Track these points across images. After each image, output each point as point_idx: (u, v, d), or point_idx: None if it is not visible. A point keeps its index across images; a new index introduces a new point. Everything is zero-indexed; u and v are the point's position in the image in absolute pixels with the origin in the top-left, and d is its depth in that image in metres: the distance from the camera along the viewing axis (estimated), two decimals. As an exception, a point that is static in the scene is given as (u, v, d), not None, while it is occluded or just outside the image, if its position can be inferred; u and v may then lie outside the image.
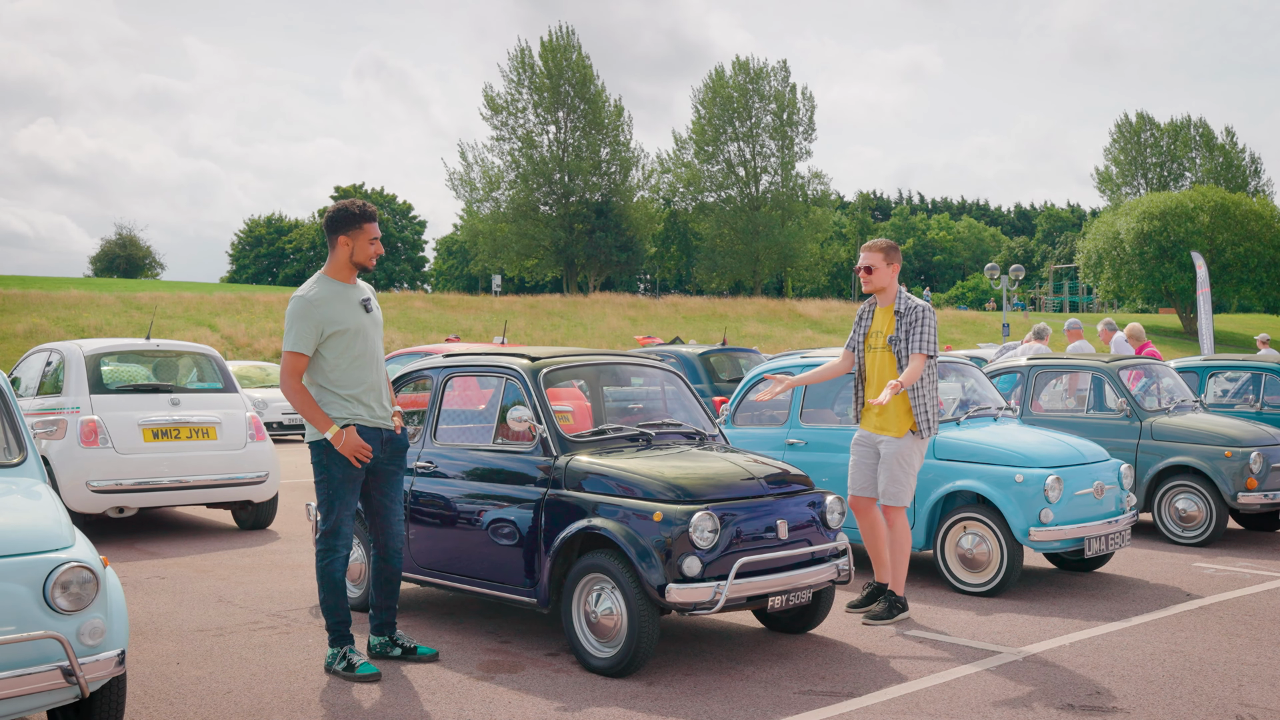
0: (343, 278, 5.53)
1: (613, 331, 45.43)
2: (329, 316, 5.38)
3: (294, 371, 5.38)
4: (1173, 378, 10.32)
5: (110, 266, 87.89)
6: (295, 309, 5.40)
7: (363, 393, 5.45)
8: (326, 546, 5.47)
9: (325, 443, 5.38)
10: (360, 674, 5.34)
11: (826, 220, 74.80)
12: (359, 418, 5.43)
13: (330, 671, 5.46)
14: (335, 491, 5.42)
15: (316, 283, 5.49)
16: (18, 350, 29.49)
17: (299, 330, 5.36)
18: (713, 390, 13.23)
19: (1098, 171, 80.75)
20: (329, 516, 5.44)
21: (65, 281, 53.58)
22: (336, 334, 5.38)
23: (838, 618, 6.51)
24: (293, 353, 5.37)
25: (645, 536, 5.22)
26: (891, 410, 6.41)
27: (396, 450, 5.61)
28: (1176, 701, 5.02)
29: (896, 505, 6.44)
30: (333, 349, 5.40)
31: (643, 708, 4.92)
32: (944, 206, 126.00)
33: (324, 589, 5.50)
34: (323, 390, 5.43)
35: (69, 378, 9.55)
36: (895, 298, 6.52)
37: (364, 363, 5.47)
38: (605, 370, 7.13)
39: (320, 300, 5.41)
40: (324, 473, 5.42)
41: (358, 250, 5.48)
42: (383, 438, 5.51)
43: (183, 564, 8.46)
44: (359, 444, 5.35)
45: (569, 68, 67.78)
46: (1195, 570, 8.12)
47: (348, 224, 5.47)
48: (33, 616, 3.86)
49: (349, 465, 5.39)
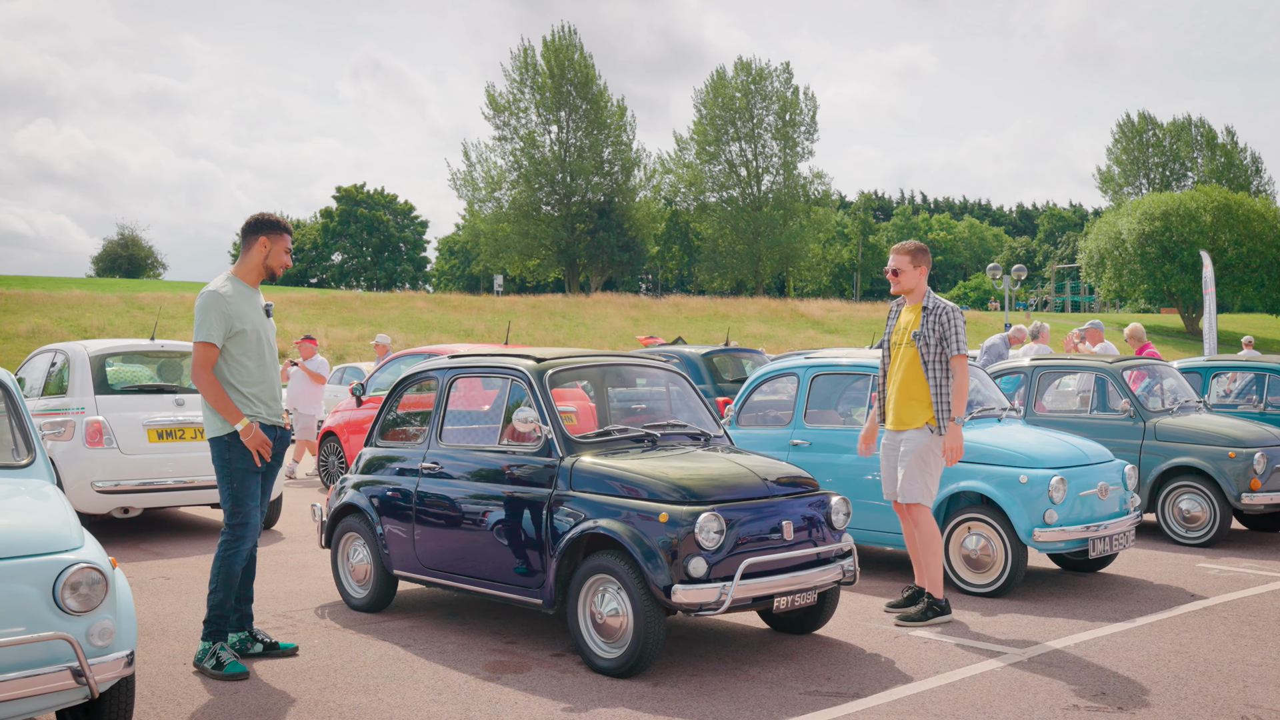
0: (250, 280, 5.78)
1: (615, 332, 45.43)
2: (237, 313, 5.60)
3: (207, 362, 5.56)
4: (1176, 378, 10.32)
5: (113, 266, 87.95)
6: (206, 302, 5.58)
7: (262, 391, 5.68)
8: (234, 538, 5.60)
9: (228, 438, 5.56)
10: (229, 672, 5.41)
11: (828, 220, 74.87)
12: (259, 415, 5.65)
13: (198, 666, 5.51)
14: (242, 484, 5.59)
15: (227, 280, 5.72)
16: (21, 350, 29.52)
17: (211, 322, 5.55)
18: (716, 391, 13.22)
19: (1099, 171, 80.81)
20: (238, 509, 5.60)
21: (67, 281, 53.64)
22: (241, 332, 5.60)
23: (843, 618, 6.52)
24: (205, 343, 5.55)
25: (651, 537, 5.23)
26: (909, 402, 6.40)
27: (282, 447, 5.83)
28: (1182, 702, 5.02)
29: (914, 502, 6.42)
30: (238, 346, 5.61)
31: (649, 708, 4.93)
32: (946, 206, 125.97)
33: (220, 581, 5.59)
34: (229, 387, 5.61)
35: (74, 378, 9.56)
36: (924, 296, 6.54)
37: (265, 363, 5.71)
38: (610, 371, 7.14)
39: (230, 296, 5.62)
40: (228, 467, 5.58)
41: (273, 254, 5.76)
42: (276, 435, 5.75)
43: (188, 564, 8.47)
44: (263, 439, 5.58)
45: (571, 67, 67.82)
46: (1199, 571, 8.13)
47: (271, 228, 5.77)
48: (42, 617, 3.87)
49: (251, 459, 5.58)
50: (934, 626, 6.36)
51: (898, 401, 6.47)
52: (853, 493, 7.39)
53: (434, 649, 5.95)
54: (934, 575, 6.46)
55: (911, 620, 6.40)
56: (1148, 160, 78.46)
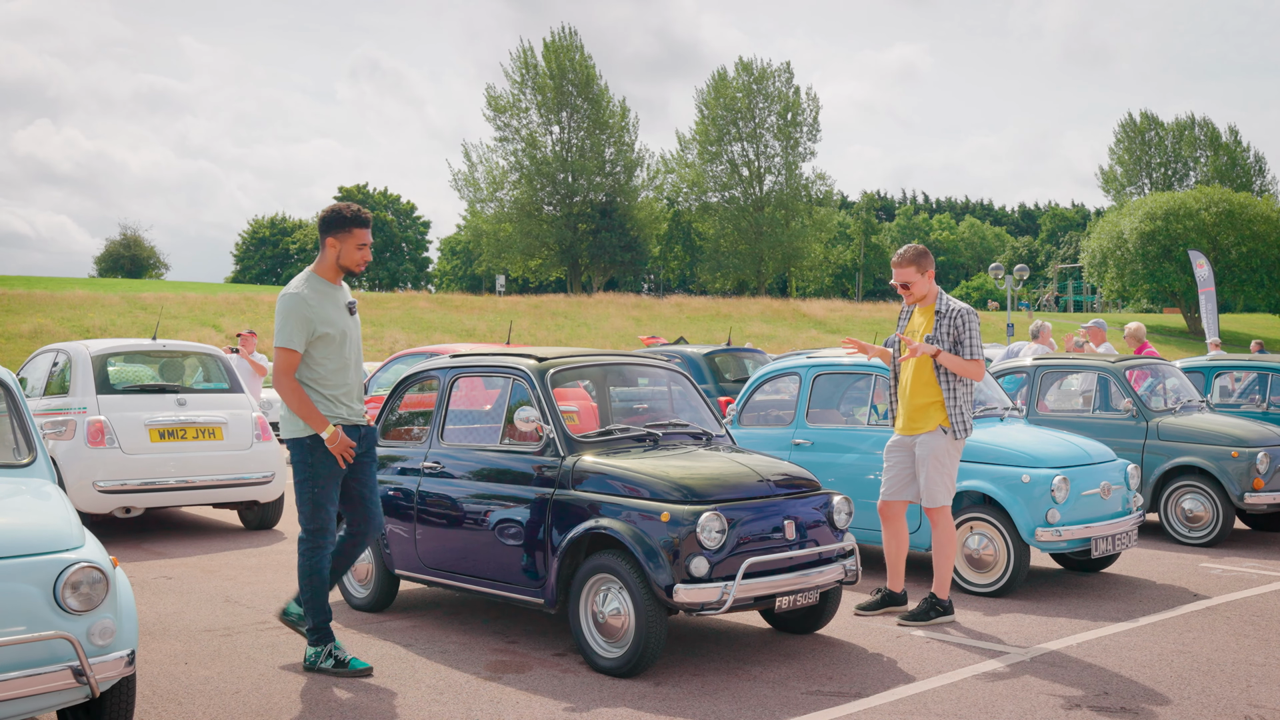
0: (329, 278, 5.54)
1: (617, 332, 45.43)
2: (319, 315, 5.39)
3: (288, 368, 5.38)
4: (1179, 378, 10.31)
5: (115, 266, 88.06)
6: (286, 305, 5.38)
7: (345, 394, 5.50)
8: (314, 545, 5.46)
9: (309, 440, 5.39)
10: (354, 669, 5.34)
11: (830, 220, 74.80)
12: (341, 417, 5.48)
13: (316, 670, 5.44)
14: (322, 489, 5.44)
15: (306, 281, 5.48)
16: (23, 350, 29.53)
17: (291, 326, 5.35)
18: (718, 391, 13.21)
19: (1102, 171, 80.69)
20: (316, 515, 5.45)
21: (70, 282, 53.67)
22: (325, 335, 5.40)
23: (845, 618, 6.51)
24: (286, 349, 5.36)
25: (653, 537, 5.22)
26: (923, 407, 6.38)
27: (370, 444, 5.67)
28: (1185, 702, 5.01)
29: (935, 506, 6.40)
30: (319, 349, 5.42)
31: (650, 708, 4.92)
32: (948, 206, 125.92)
33: (310, 587, 5.48)
34: (309, 390, 5.43)
35: (76, 378, 9.57)
36: (936, 298, 6.49)
37: (349, 364, 5.52)
38: (612, 370, 7.13)
39: (311, 298, 5.41)
40: (309, 471, 5.42)
41: (344, 254, 5.49)
42: (360, 434, 5.58)
43: (189, 564, 8.47)
44: (347, 443, 5.40)
45: (572, 68, 67.79)
46: (1202, 571, 8.11)
47: (337, 226, 5.48)
48: (43, 617, 3.87)
49: (334, 463, 5.42)
50: (936, 626, 6.35)
51: (910, 405, 6.44)
52: (855, 492, 7.38)
53: (435, 648, 5.95)
54: (944, 576, 6.44)
55: (914, 620, 6.39)
56: (1150, 160, 78.36)
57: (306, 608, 5.51)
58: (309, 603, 5.50)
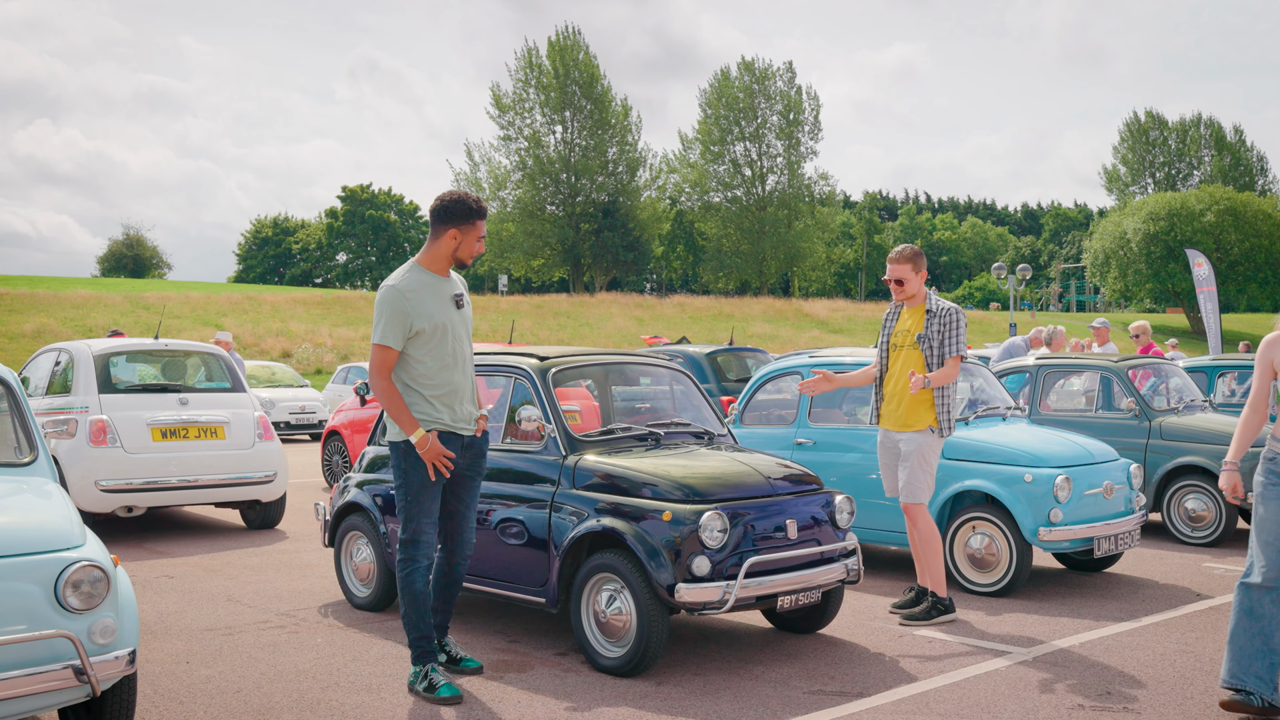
0: (438, 269, 5.14)
1: (619, 331, 45.44)
2: (419, 310, 5.00)
3: (384, 367, 5.01)
4: (1181, 377, 10.29)
5: (118, 266, 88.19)
6: (385, 298, 5.02)
7: (447, 394, 5.10)
8: (406, 556, 5.12)
9: (405, 445, 5.05)
10: (441, 695, 4.98)
11: (833, 220, 74.80)
12: (440, 422, 5.08)
13: (412, 692, 5.12)
14: (414, 497, 5.09)
15: (409, 271, 5.11)
16: (26, 349, 29.58)
17: (387, 322, 4.97)
18: (720, 390, 13.20)
19: (1105, 170, 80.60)
20: (408, 524, 5.12)
21: (73, 281, 53.76)
22: (425, 330, 5.01)
23: (847, 617, 6.50)
24: (381, 345, 4.99)
25: (654, 536, 5.22)
26: (914, 405, 6.39)
27: (476, 455, 5.28)
28: (1188, 702, 5.00)
29: (914, 502, 6.42)
30: (417, 345, 5.03)
31: (652, 707, 4.92)
32: (950, 206, 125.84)
33: (405, 602, 5.15)
34: (406, 389, 5.08)
35: (78, 377, 9.57)
36: (925, 298, 6.53)
37: (452, 363, 5.10)
38: (613, 370, 7.13)
39: (411, 291, 5.03)
40: (403, 477, 5.09)
41: (464, 245, 5.12)
42: (463, 443, 5.18)
43: (191, 563, 8.47)
44: (441, 451, 5.00)
45: (576, 68, 67.83)
46: (1205, 570, 8.10)
47: (461, 217, 5.08)
48: (44, 615, 3.86)
49: (427, 472, 5.05)
50: (938, 625, 6.35)
51: (901, 404, 6.45)
52: (857, 492, 7.37)
53: (437, 648, 5.94)
54: (936, 573, 6.45)
55: (916, 619, 6.39)
56: (1154, 159, 78.30)
57: (404, 622, 5.19)
58: (404, 617, 5.17)
